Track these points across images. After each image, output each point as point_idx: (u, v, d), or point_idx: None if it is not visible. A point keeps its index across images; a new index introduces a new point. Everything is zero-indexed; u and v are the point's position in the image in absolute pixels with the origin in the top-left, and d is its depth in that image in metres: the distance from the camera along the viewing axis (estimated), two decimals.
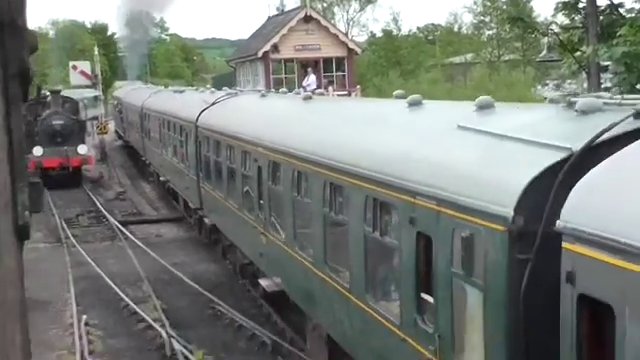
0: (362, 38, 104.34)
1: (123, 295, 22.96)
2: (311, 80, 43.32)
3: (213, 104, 26.59)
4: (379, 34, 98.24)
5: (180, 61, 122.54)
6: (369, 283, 11.68)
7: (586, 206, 6.51)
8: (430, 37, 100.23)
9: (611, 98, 8.69)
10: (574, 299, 6.41)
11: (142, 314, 21.18)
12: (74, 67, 64.57)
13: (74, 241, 30.65)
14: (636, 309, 5.66)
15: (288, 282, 17.07)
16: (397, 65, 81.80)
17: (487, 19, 78.75)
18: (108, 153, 53.54)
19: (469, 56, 76.30)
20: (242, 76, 57.04)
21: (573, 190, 6.70)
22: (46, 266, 27.45)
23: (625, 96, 8.68)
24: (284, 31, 51.31)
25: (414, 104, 13.15)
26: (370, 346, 11.59)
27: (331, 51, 51.59)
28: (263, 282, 18.34)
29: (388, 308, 10.99)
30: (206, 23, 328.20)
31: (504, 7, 77.07)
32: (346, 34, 72.73)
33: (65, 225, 33.53)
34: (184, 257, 27.84)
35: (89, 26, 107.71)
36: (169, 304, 22.42)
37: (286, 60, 51.67)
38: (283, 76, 51.06)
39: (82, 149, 44.87)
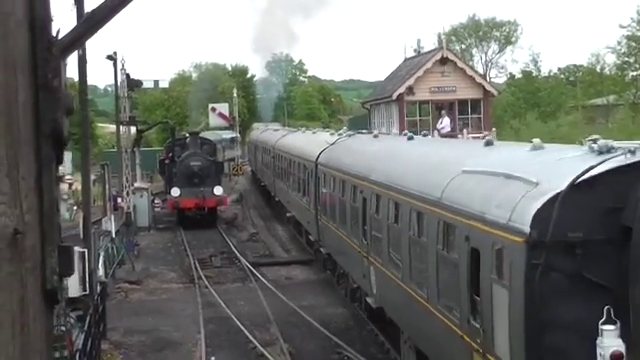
0: (501, 80, 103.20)
1: (251, 337, 22.99)
2: (445, 123, 42.84)
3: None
4: (518, 75, 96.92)
5: (318, 103, 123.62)
6: None
7: (325, 157, 29.64)
8: (571, 78, 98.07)
9: None
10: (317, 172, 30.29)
11: (269, 358, 21.08)
12: (213, 109, 66.13)
13: (206, 282, 30.99)
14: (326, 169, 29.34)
15: None
16: (536, 107, 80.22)
17: (632, 60, 76.35)
18: (243, 194, 54.20)
19: (611, 98, 74.06)
20: (377, 118, 56.97)
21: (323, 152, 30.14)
22: (179, 306, 27.88)
23: None
24: (419, 73, 50.90)
25: None
26: None
27: (467, 93, 50.85)
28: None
29: None
30: (345, 65, 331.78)
31: None
32: (484, 76, 71.87)
33: (198, 266, 33.98)
34: (313, 300, 27.70)
35: (230, 68, 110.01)
36: (296, 347, 22.29)
37: (421, 102, 51.20)
38: (417, 118, 50.64)
39: (218, 190, 45.55)
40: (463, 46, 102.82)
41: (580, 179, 10.04)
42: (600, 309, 9.48)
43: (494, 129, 49.19)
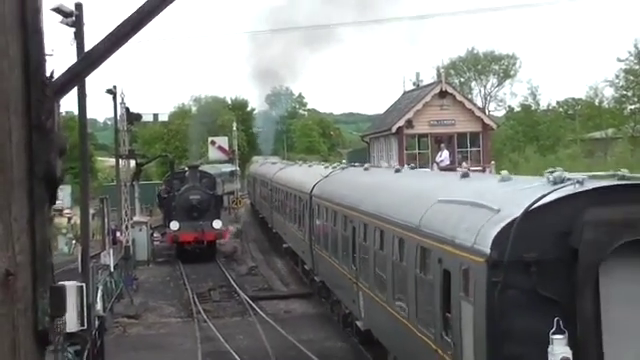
0: (500, 113, 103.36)
1: None
2: (444, 156, 42.89)
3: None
4: (517, 109, 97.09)
5: (317, 136, 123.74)
6: None
7: (318, 189, 30.75)
8: (570, 111, 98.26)
9: None
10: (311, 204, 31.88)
11: None
12: (212, 142, 66.26)
13: (205, 316, 30.85)
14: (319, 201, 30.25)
15: None
16: (535, 140, 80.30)
17: (630, 93, 76.60)
18: (242, 228, 54.15)
19: (610, 131, 74.16)
20: (376, 151, 57.02)
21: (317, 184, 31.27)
22: (177, 341, 27.75)
23: None
24: (419, 106, 50.94)
25: None
26: None
27: (466, 126, 50.90)
28: None
29: None
30: (344, 98, 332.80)
31: None
32: (483, 109, 71.97)
33: (197, 300, 33.84)
34: (312, 334, 27.59)
35: (229, 102, 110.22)
36: None
37: (420, 135, 51.24)
38: (417, 151, 50.67)
39: (217, 224, 45.50)
40: (462, 79, 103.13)
41: (533, 206, 11.39)
42: (551, 321, 10.81)
43: (493, 162, 49.28)
